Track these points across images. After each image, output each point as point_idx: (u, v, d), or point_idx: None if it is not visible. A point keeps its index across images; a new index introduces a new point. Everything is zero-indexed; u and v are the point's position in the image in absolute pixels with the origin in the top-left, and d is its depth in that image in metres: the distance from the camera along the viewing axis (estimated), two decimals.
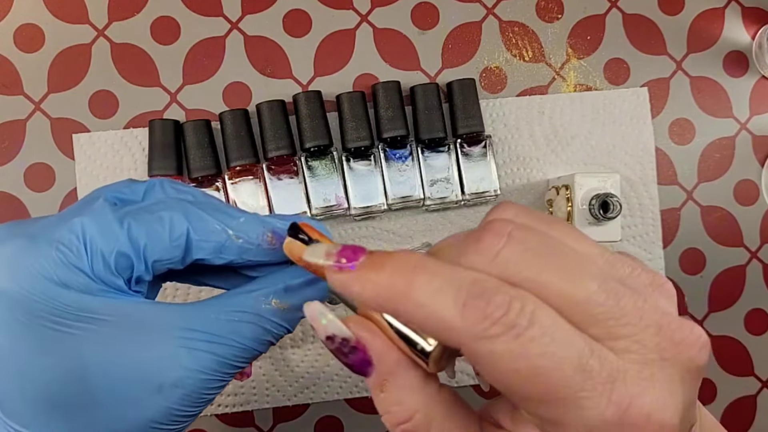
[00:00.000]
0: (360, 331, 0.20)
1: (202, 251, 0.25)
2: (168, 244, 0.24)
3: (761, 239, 0.54)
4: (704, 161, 0.54)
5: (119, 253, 0.23)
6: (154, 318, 0.24)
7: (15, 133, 0.51)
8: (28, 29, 0.52)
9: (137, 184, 0.27)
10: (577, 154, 0.53)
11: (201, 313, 0.24)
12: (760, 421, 0.54)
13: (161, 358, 0.23)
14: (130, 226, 0.24)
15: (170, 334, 0.23)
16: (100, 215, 0.24)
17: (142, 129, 0.51)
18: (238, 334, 0.25)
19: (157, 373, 0.23)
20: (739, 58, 0.54)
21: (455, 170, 0.50)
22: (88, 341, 0.23)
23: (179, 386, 0.23)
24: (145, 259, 0.24)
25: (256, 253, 0.26)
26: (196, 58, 0.52)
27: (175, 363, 0.23)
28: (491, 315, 0.17)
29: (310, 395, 0.52)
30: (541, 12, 0.53)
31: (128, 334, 0.23)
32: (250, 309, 0.25)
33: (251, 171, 0.49)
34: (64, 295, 0.23)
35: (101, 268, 0.23)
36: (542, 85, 0.53)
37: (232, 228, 0.25)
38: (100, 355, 0.23)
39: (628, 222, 0.53)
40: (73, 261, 0.23)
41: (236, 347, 0.25)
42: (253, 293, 0.25)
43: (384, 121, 0.49)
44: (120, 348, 0.23)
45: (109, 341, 0.23)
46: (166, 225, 0.24)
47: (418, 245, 0.52)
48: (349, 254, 0.19)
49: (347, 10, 0.53)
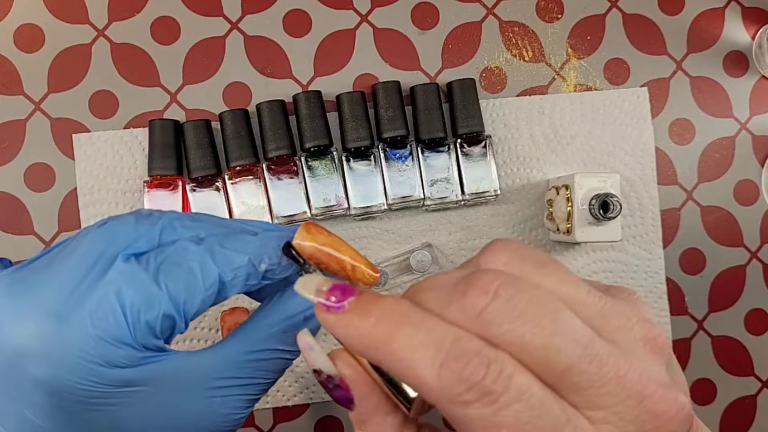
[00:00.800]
0: (345, 369, 0.20)
1: (233, 289, 0.24)
2: (204, 295, 0.24)
3: (761, 239, 0.54)
4: (704, 161, 0.54)
5: (165, 316, 0.22)
6: (187, 375, 0.24)
7: (15, 133, 0.51)
8: (28, 29, 0.52)
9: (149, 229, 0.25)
10: (577, 154, 0.53)
11: (228, 360, 0.24)
12: (760, 421, 0.54)
13: (197, 412, 0.24)
14: (168, 286, 0.22)
15: (203, 387, 0.24)
16: (132, 277, 0.22)
17: (142, 129, 0.51)
18: (264, 371, 0.25)
19: (193, 426, 0.24)
20: (739, 58, 0.54)
21: (455, 170, 0.50)
22: (128, 412, 0.22)
23: (215, 430, 0.24)
24: (185, 315, 0.23)
25: (278, 272, 0.25)
26: (196, 58, 0.52)
27: (210, 412, 0.24)
28: (467, 379, 0.16)
29: (310, 395, 0.52)
30: (541, 12, 0.53)
31: (166, 397, 0.23)
32: (272, 345, 0.25)
33: (251, 171, 0.49)
34: (106, 374, 0.21)
35: (145, 335, 0.22)
36: (542, 85, 0.53)
37: (254, 256, 0.24)
38: (138, 423, 0.23)
39: (628, 222, 0.53)
40: (115, 334, 0.21)
41: (263, 383, 0.25)
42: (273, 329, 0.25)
43: (384, 121, 0.49)
44: (158, 411, 0.23)
45: (148, 408, 0.23)
46: (198, 276, 0.23)
47: (418, 245, 0.52)
48: (338, 294, 0.19)
49: (347, 10, 0.53)
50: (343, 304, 0.19)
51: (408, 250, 0.51)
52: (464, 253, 0.52)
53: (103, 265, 0.22)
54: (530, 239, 0.53)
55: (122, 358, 0.22)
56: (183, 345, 0.51)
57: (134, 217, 0.24)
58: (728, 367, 0.54)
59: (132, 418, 0.23)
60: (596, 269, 0.53)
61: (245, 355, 0.25)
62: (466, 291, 0.18)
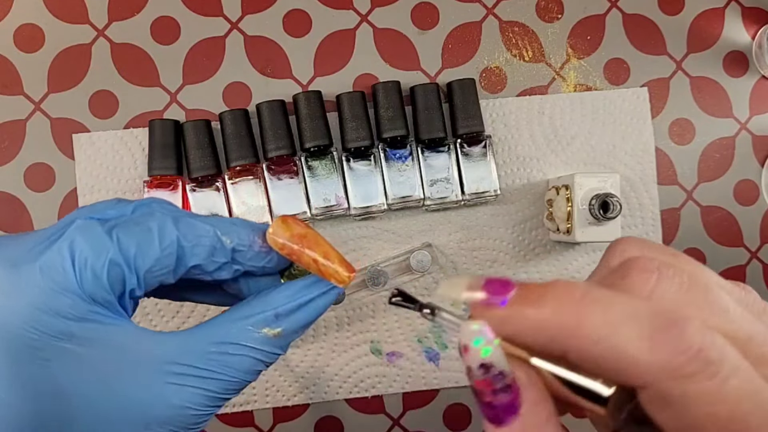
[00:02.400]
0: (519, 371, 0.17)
1: (195, 257, 0.24)
2: (159, 253, 0.23)
3: (761, 239, 0.54)
4: (704, 161, 0.54)
5: (111, 263, 0.22)
6: (141, 349, 0.22)
7: (15, 133, 0.51)
8: (28, 29, 0.52)
9: (124, 203, 0.26)
10: (577, 154, 0.53)
11: (188, 346, 0.23)
12: None
13: (148, 396, 0.22)
14: (119, 238, 0.22)
15: (157, 369, 0.22)
16: (87, 229, 0.22)
17: (142, 129, 0.51)
18: (229, 368, 0.24)
19: (143, 411, 0.22)
20: (739, 58, 0.54)
21: (455, 170, 0.50)
22: (72, 372, 0.22)
23: (167, 422, 0.23)
24: (137, 270, 0.23)
25: (248, 256, 0.25)
26: (196, 58, 0.52)
27: (162, 401, 0.22)
28: (686, 350, 0.15)
29: (310, 395, 0.52)
30: (541, 12, 0.53)
31: (114, 367, 0.22)
32: (240, 340, 0.24)
33: (251, 171, 0.49)
34: (52, 323, 0.21)
35: (91, 283, 0.22)
36: (542, 85, 0.53)
37: (221, 231, 0.24)
38: (83, 388, 0.22)
39: (628, 222, 0.53)
40: (61, 283, 0.21)
41: (226, 381, 0.24)
42: (241, 322, 0.24)
43: (384, 121, 0.49)
44: (105, 381, 0.22)
45: (94, 373, 0.22)
46: (155, 234, 0.23)
47: (418, 245, 0.52)
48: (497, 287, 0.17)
49: (347, 10, 0.53)
50: (506, 298, 0.17)
51: (408, 250, 0.51)
52: (464, 253, 0.52)
53: (67, 224, 0.23)
54: (530, 239, 0.53)
55: (68, 308, 0.21)
56: None
57: (115, 200, 0.26)
58: None
59: (78, 387, 0.22)
60: None
61: (208, 345, 0.23)
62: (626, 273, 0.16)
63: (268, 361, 0.25)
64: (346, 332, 0.52)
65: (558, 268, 0.53)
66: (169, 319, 0.51)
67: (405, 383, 0.52)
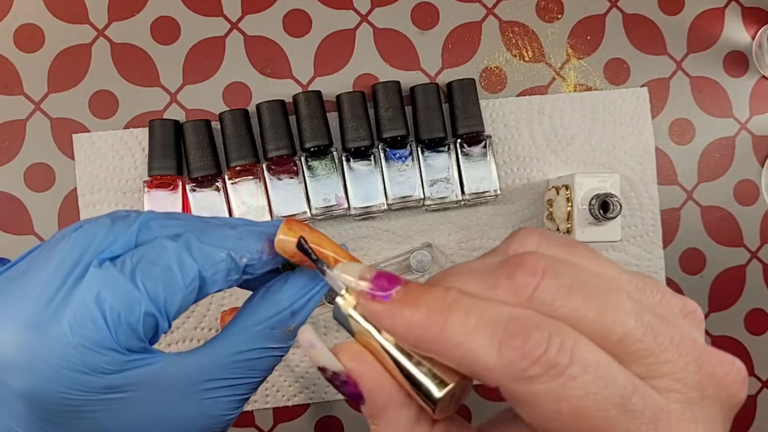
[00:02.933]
0: (352, 363, 0.19)
1: (214, 285, 0.24)
2: (185, 292, 0.23)
3: (761, 239, 0.54)
4: (704, 161, 0.54)
5: (146, 316, 0.22)
6: (175, 378, 0.23)
7: (15, 133, 0.51)
8: (28, 29, 0.52)
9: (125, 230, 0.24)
10: (577, 154, 0.53)
11: (217, 360, 0.24)
12: (760, 421, 0.54)
13: (187, 414, 0.23)
14: (146, 285, 0.22)
15: (192, 390, 0.23)
16: (109, 279, 0.22)
17: (142, 129, 0.51)
18: (255, 370, 0.25)
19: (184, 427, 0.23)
20: (739, 58, 0.54)
21: (455, 170, 0.50)
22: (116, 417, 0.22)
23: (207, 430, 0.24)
24: (167, 314, 0.23)
25: (258, 266, 0.25)
26: (196, 58, 0.52)
27: (201, 414, 0.23)
28: (530, 354, 0.16)
29: (310, 395, 0.52)
30: (541, 12, 0.53)
31: (154, 402, 0.23)
32: (264, 344, 0.25)
33: (251, 171, 0.49)
34: (90, 382, 0.21)
35: (128, 337, 0.22)
36: (542, 85, 0.53)
37: (233, 250, 0.24)
38: (131, 426, 0.22)
39: (628, 222, 0.53)
40: (96, 340, 0.21)
41: (253, 381, 0.25)
42: (261, 326, 0.25)
43: (384, 121, 0.49)
44: (146, 416, 0.23)
45: (136, 412, 0.22)
46: (177, 272, 0.23)
47: (418, 245, 0.52)
48: (384, 284, 0.19)
49: (347, 10, 0.53)
50: (390, 294, 0.18)
51: (408, 250, 0.51)
52: (464, 253, 0.52)
53: (81, 270, 0.22)
54: None
55: (107, 364, 0.21)
56: (183, 345, 0.51)
57: (110, 219, 0.24)
58: None
59: (120, 424, 0.22)
60: None
61: (234, 355, 0.24)
62: (513, 272, 0.18)
63: (285, 354, 0.26)
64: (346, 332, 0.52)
65: None
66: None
67: None
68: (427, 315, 0.17)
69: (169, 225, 0.25)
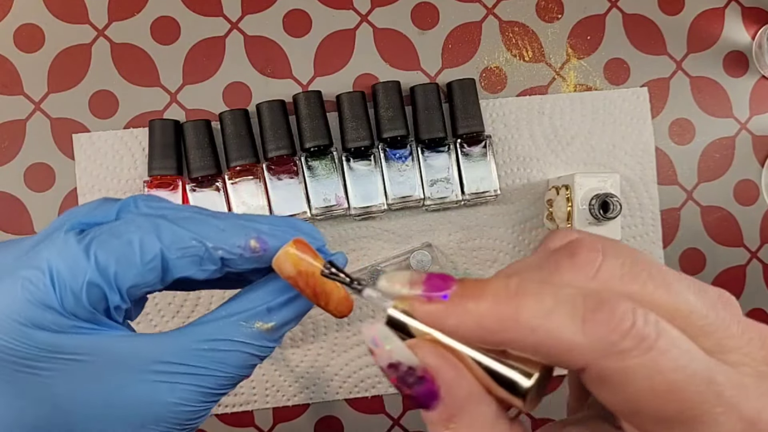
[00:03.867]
0: (429, 358, 0.18)
1: (180, 269, 0.23)
2: (141, 269, 0.22)
3: (761, 239, 0.54)
4: (704, 161, 0.54)
5: (90, 285, 0.22)
6: (129, 353, 0.22)
7: (15, 133, 0.51)
8: (28, 29, 0.52)
9: (109, 203, 0.25)
10: (577, 154, 0.53)
11: (178, 344, 0.23)
12: None
13: (140, 397, 0.22)
14: (97, 255, 0.22)
15: (147, 369, 0.22)
16: (64, 246, 0.22)
17: (142, 129, 0.51)
18: (222, 363, 0.23)
19: (138, 412, 0.22)
20: (739, 58, 0.54)
21: (455, 170, 0.50)
22: (64, 382, 0.22)
23: (162, 420, 0.22)
24: (119, 288, 0.22)
25: (240, 262, 0.24)
26: (196, 58, 0.52)
27: (155, 399, 0.22)
28: (618, 327, 0.15)
29: (310, 395, 0.52)
30: (541, 12, 0.53)
31: (104, 374, 0.22)
32: (232, 336, 0.24)
33: (251, 171, 0.49)
34: (35, 336, 0.21)
35: (72, 303, 0.22)
36: (542, 85, 0.53)
37: (209, 239, 0.23)
38: (76, 397, 0.22)
39: (628, 222, 0.53)
40: (42, 299, 0.21)
41: (220, 376, 0.23)
42: (233, 318, 0.24)
43: (384, 121, 0.49)
44: (97, 388, 0.22)
45: (85, 382, 0.22)
46: (136, 248, 0.22)
47: (418, 245, 0.52)
48: (439, 283, 0.18)
49: (347, 10, 0.53)
50: (447, 292, 0.17)
51: (408, 250, 0.51)
52: (464, 253, 0.52)
53: (51, 236, 0.23)
54: (530, 239, 0.53)
55: (50, 323, 0.21)
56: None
57: (101, 200, 0.25)
58: None
59: (71, 396, 0.22)
60: None
61: (200, 342, 0.23)
62: (574, 252, 0.17)
63: (262, 354, 0.24)
64: (346, 332, 0.52)
65: None
66: (169, 319, 0.51)
67: None
68: (494, 304, 0.17)
69: (157, 207, 0.25)
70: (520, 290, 0.17)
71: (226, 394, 0.25)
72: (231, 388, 0.24)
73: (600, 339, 0.15)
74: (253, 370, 0.25)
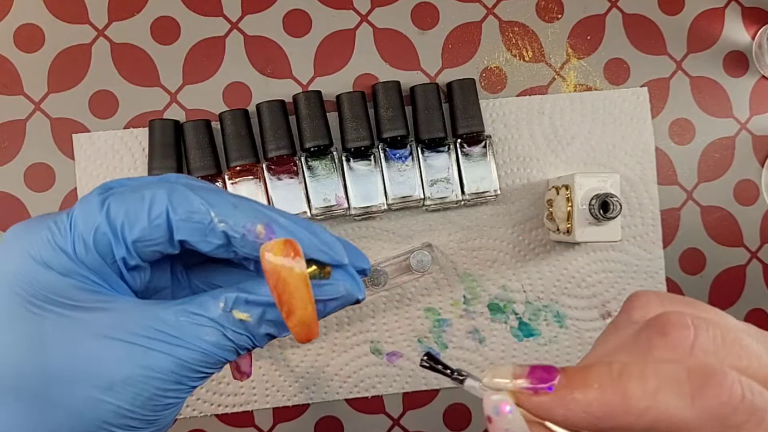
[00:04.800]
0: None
1: (184, 232, 0.23)
2: (147, 224, 0.23)
3: (761, 239, 0.54)
4: (704, 161, 0.54)
5: (98, 232, 0.23)
6: (118, 312, 0.23)
7: (15, 133, 0.51)
8: (28, 29, 0.52)
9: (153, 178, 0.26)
10: (577, 154, 0.53)
11: (162, 312, 0.23)
12: None
13: (116, 354, 0.23)
14: (110, 206, 0.23)
15: (129, 330, 0.23)
16: (88, 198, 0.23)
17: (142, 129, 0.51)
18: (198, 338, 0.23)
19: (109, 369, 0.22)
20: (739, 58, 0.54)
21: (455, 170, 0.50)
22: (53, 325, 0.22)
23: (130, 384, 0.23)
24: (124, 239, 0.23)
25: (242, 244, 0.24)
26: (196, 58, 0.52)
27: (128, 360, 0.23)
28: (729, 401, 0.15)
29: (310, 395, 0.52)
30: (541, 12, 0.53)
31: (91, 325, 0.23)
32: (210, 313, 0.24)
33: (251, 171, 0.49)
34: (42, 274, 0.23)
35: (83, 250, 0.23)
36: (542, 85, 0.53)
37: (217, 210, 0.23)
38: (60, 343, 0.22)
39: (628, 222, 0.53)
40: (58, 241, 0.23)
41: (196, 351, 0.23)
42: (215, 299, 0.24)
43: (384, 121, 0.49)
44: (80, 338, 0.22)
45: (72, 330, 0.22)
46: (146, 204, 0.23)
47: (418, 245, 0.52)
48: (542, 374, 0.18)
49: (347, 10, 0.53)
50: (553, 383, 0.18)
51: (408, 250, 0.51)
52: (464, 253, 0.52)
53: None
54: (530, 239, 0.53)
55: (58, 264, 0.23)
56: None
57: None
58: None
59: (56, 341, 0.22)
60: (596, 269, 0.53)
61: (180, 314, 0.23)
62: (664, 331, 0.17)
63: (238, 342, 0.24)
64: (346, 332, 0.52)
65: (558, 268, 0.53)
66: None
67: (405, 383, 0.52)
68: (601, 391, 0.17)
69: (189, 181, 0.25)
70: (623, 374, 0.17)
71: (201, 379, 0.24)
72: (206, 370, 0.24)
73: (712, 414, 0.15)
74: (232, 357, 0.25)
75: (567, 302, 0.53)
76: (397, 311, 0.52)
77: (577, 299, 0.53)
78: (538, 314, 0.53)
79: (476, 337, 0.53)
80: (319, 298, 0.24)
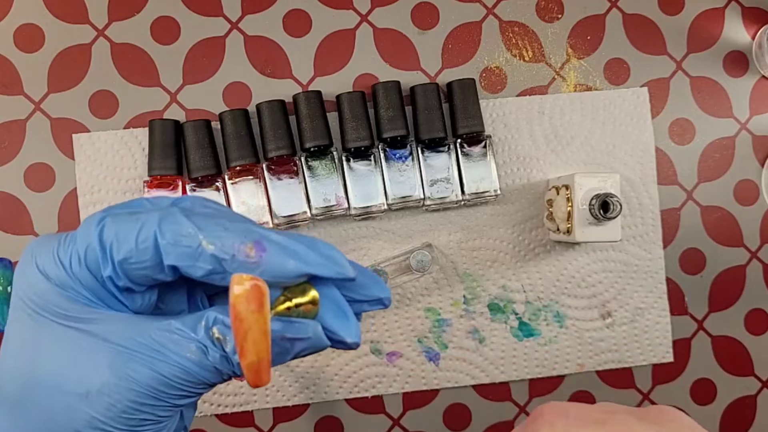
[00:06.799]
0: None
1: (173, 257, 0.23)
2: (134, 245, 0.23)
3: (761, 239, 0.54)
4: (704, 161, 0.54)
5: (89, 249, 0.23)
6: (105, 324, 0.24)
7: (15, 133, 0.51)
8: (28, 29, 0.52)
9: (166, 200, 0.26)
10: (577, 154, 0.53)
11: (148, 326, 0.24)
12: (760, 421, 0.54)
13: (96, 361, 0.23)
14: (104, 226, 0.23)
15: (111, 340, 0.23)
16: (87, 219, 0.24)
17: (142, 129, 0.51)
18: (179, 355, 0.23)
19: (88, 375, 0.23)
20: (739, 58, 0.54)
21: (455, 170, 0.50)
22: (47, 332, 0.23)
23: (105, 393, 0.23)
24: (111, 259, 0.23)
25: (235, 266, 0.22)
26: (196, 58, 0.52)
27: (106, 368, 0.23)
28: None
29: (310, 395, 0.52)
30: (541, 12, 0.53)
31: (77, 334, 0.23)
32: (196, 332, 0.23)
33: (251, 171, 0.49)
34: (42, 284, 0.24)
35: (77, 265, 0.24)
36: (542, 85, 0.53)
37: (206, 233, 0.22)
38: (50, 350, 0.23)
39: (628, 222, 0.53)
40: (60, 254, 0.24)
41: (176, 367, 0.23)
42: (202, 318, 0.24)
43: (384, 121, 0.49)
44: (66, 345, 0.23)
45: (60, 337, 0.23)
46: (137, 226, 0.23)
47: (418, 245, 0.52)
48: None
49: (347, 10, 0.53)
50: None
51: (408, 250, 0.51)
52: (464, 253, 0.52)
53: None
54: (530, 239, 0.53)
55: (56, 276, 0.24)
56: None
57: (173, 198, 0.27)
58: (728, 367, 0.54)
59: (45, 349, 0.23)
60: (596, 269, 0.53)
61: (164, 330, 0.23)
62: None
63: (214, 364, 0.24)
64: None
65: (558, 268, 0.53)
66: None
67: (405, 383, 0.52)
68: None
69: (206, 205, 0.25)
70: None
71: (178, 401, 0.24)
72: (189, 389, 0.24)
73: None
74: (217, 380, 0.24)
75: (567, 302, 0.53)
76: (397, 311, 0.52)
77: (577, 299, 0.53)
78: (538, 314, 0.53)
79: (476, 337, 0.53)
80: (286, 335, 0.23)
